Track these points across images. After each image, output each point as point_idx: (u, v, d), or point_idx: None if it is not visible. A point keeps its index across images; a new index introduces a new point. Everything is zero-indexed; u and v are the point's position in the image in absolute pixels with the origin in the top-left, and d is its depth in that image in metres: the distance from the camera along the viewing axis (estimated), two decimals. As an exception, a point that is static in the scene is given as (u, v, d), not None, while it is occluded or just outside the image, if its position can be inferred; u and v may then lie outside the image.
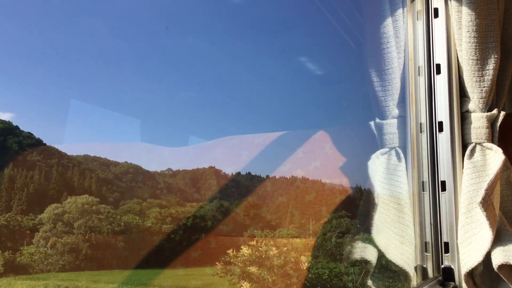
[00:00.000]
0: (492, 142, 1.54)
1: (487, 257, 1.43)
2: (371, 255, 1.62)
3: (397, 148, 1.60)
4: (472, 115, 1.55)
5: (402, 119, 1.61)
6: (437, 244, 1.53)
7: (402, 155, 1.58)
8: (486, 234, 1.42)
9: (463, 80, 1.57)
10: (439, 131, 1.57)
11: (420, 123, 1.61)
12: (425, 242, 1.55)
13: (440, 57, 1.60)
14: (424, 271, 1.53)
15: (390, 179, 1.59)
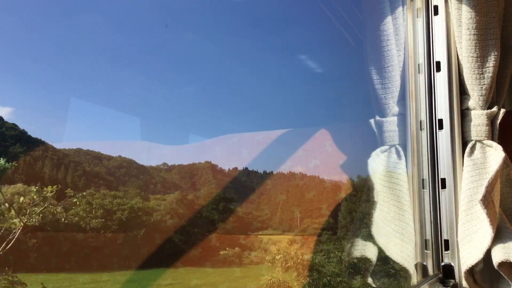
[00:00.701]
0: (492, 139, 1.54)
1: (487, 255, 1.43)
2: (371, 253, 1.62)
3: (397, 146, 1.60)
4: (472, 112, 1.55)
5: (402, 117, 1.61)
6: (437, 242, 1.54)
7: (402, 152, 1.58)
8: (486, 232, 1.42)
9: (463, 78, 1.56)
10: (439, 129, 1.57)
11: (420, 121, 1.61)
12: (425, 240, 1.55)
13: (440, 54, 1.60)
14: (424, 269, 1.53)
15: (390, 177, 1.59)
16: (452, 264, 1.51)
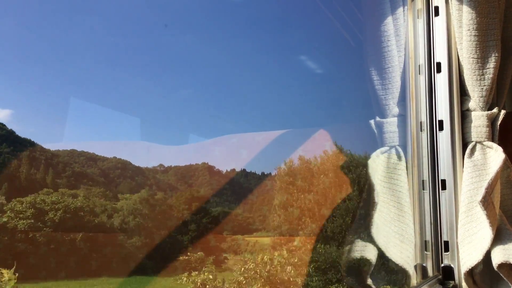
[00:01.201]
0: (493, 140, 1.54)
1: (487, 256, 1.42)
2: (371, 254, 1.62)
3: (397, 147, 1.59)
4: (473, 113, 1.55)
5: (403, 118, 1.61)
6: (437, 243, 1.53)
7: (402, 153, 1.57)
8: (486, 233, 1.41)
9: (464, 79, 1.56)
10: (439, 130, 1.57)
11: (421, 122, 1.60)
12: (425, 241, 1.55)
13: (440, 55, 1.60)
14: (424, 270, 1.53)
15: (390, 178, 1.58)
16: (452, 265, 1.51)
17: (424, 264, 1.54)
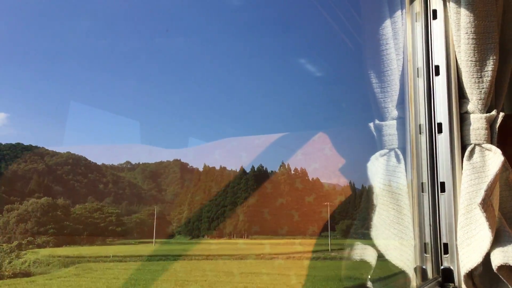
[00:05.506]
0: (491, 143, 1.54)
1: (487, 258, 1.43)
2: (370, 257, 1.62)
3: (397, 150, 1.60)
4: (471, 116, 1.55)
5: (402, 121, 1.61)
6: (437, 245, 1.54)
7: (401, 156, 1.58)
8: (485, 235, 1.42)
9: (462, 82, 1.57)
10: (438, 132, 1.57)
11: (419, 125, 1.61)
12: (425, 243, 1.55)
13: (439, 58, 1.60)
14: (423, 272, 1.53)
15: (389, 180, 1.59)
16: (452, 267, 1.51)
17: (423, 266, 1.54)
